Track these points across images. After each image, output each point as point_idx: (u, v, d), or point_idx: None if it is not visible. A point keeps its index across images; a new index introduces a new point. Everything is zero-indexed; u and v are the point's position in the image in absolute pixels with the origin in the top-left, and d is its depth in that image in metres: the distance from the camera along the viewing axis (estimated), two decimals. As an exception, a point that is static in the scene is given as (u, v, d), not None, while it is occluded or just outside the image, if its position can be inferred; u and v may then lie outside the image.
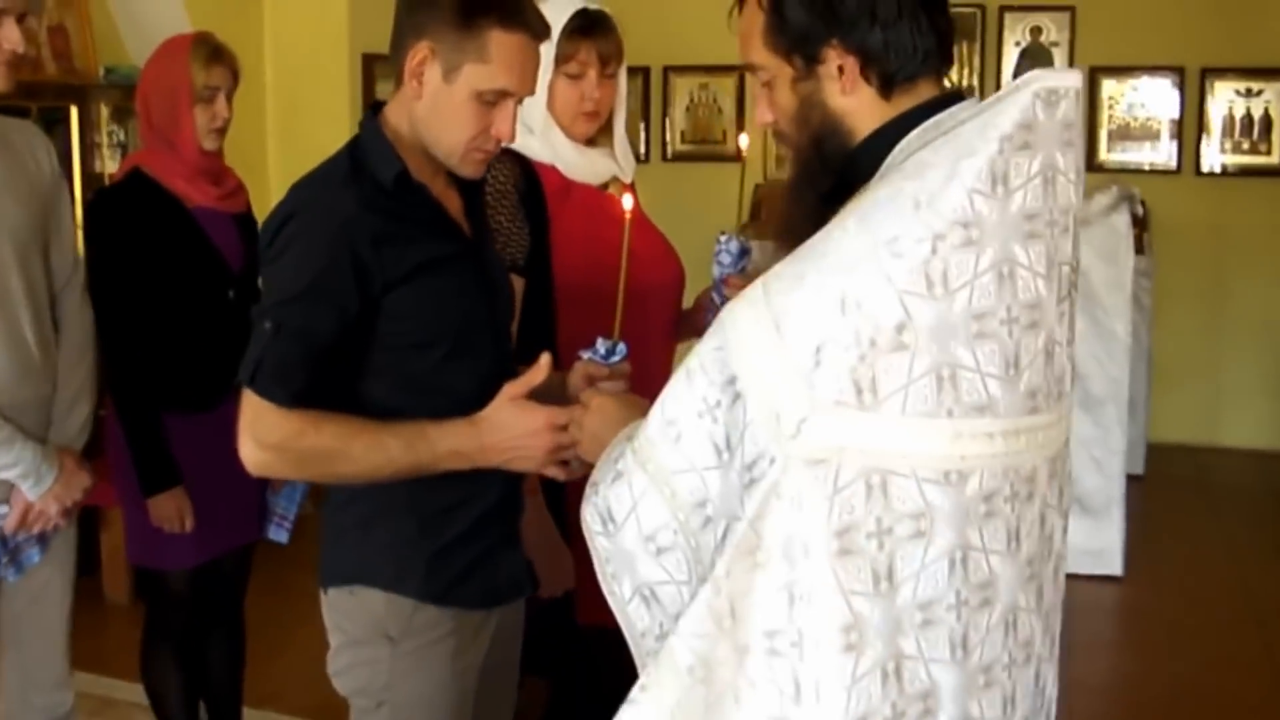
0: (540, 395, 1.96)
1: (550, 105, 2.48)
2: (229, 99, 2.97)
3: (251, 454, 1.85)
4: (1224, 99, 6.74)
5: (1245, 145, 6.73)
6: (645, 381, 2.16)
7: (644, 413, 1.70)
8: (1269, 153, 6.71)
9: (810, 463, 1.38)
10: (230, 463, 2.96)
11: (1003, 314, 1.42)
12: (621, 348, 1.99)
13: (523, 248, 2.40)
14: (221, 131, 2.96)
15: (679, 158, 7.60)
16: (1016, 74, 6.96)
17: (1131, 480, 5.25)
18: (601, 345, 2.00)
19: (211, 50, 2.93)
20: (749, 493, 1.41)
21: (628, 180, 2.67)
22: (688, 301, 2.72)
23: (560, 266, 2.46)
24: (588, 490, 1.57)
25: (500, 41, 1.86)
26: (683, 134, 7.66)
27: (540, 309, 2.43)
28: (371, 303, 1.86)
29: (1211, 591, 5.01)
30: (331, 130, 5.52)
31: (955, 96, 1.58)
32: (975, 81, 7.01)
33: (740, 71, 7.46)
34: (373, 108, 2.02)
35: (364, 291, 1.85)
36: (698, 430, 1.45)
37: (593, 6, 2.51)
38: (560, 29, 2.39)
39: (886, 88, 1.55)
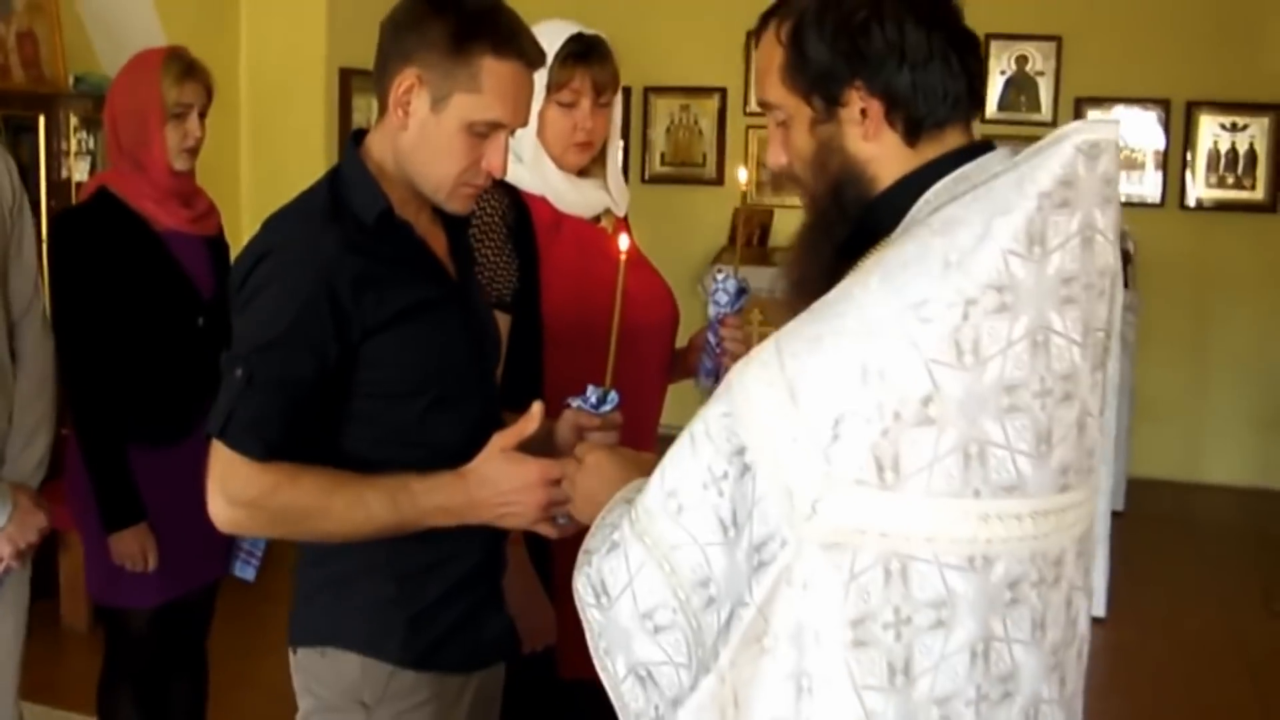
0: (524, 445, 1.86)
1: (541, 134, 2.36)
2: (202, 117, 2.84)
3: (222, 511, 1.73)
4: (1209, 133, 6.70)
5: (1230, 180, 6.70)
6: (637, 426, 2.06)
7: (643, 471, 1.58)
8: (1253, 188, 6.67)
9: (826, 546, 1.28)
10: (197, 498, 2.83)
11: (1036, 386, 1.32)
12: (613, 396, 1.89)
13: (510, 283, 2.29)
14: (193, 151, 2.83)
15: (658, 180, 7.51)
16: (1001, 103, 6.90)
17: (1112, 517, 5.18)
18: (592, 393, 1.89)
19: (184, 66, 2.81)
20: (758, 576, 1.30)
21: (621, 213, 2.56)
22: (680, 340, 2.60)
23: (549, 304, 2.34)
24: (581, 558, 1.46)
25: (493, 70, 1.75)
26: (662, 156, 7.57)
27: (527, 348, 2.31)
28: (350, 349, 1.74)
29: (1198, 635, 4.94)
30: (307, 148, 5.44)
31: (985, 146, 1.47)
32: (960, 109, 6.94)
33: (722, 93, 7.38)
34: (354, 137, 1.89)
35: (343, 338, 1.73)
36: (702, 503, 1.34)
37: (588, 31, 2.40)
38: (553, 54, 2.28)
39: (912, 134, 1.44)
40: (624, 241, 1.92)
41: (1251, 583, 5.48)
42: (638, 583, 1.38)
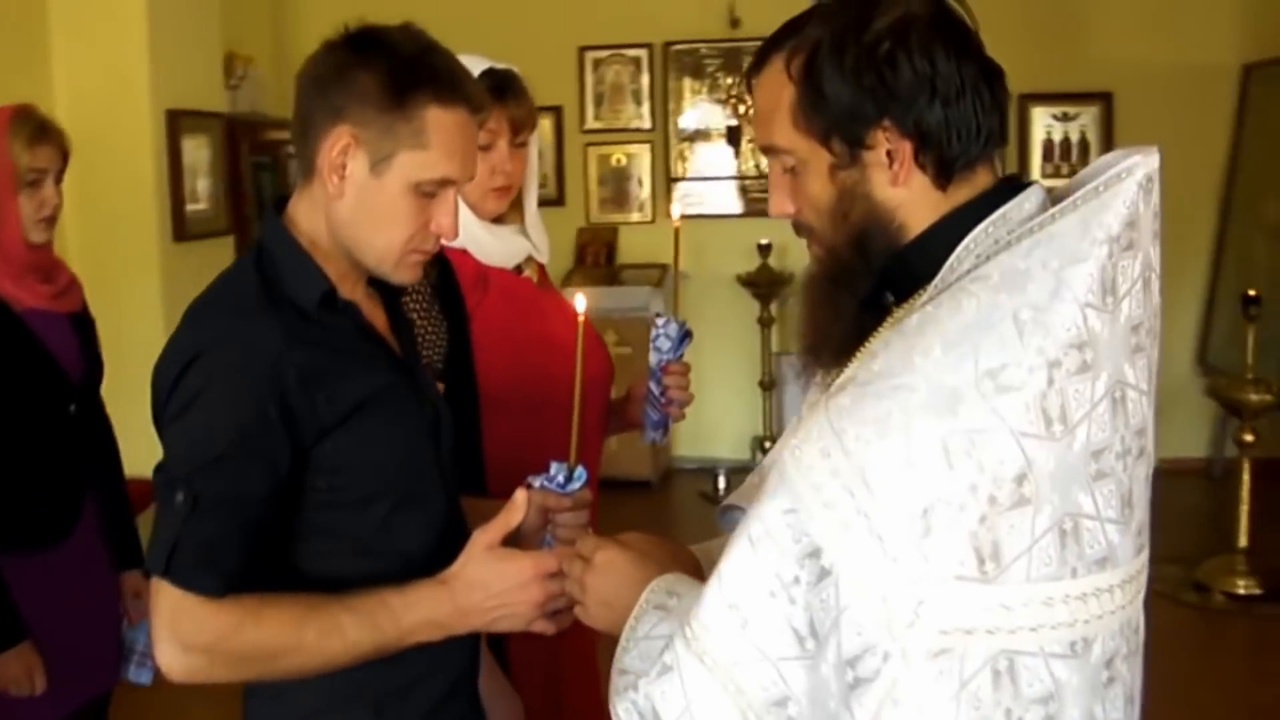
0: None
1: (456, 181, 2.16)
2: (58, 182, 2.56)
3: (175, 659, 1.47)
4: (1042, 124, 6.81)
5: (1065, 169, 6.81)
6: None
7: (661, 565, 1.44)
8: (1088, 176, 6.81)
9: (933, 654, 1.15)
10: (81, 602, 2.59)
11: (1118, 447, 1.22)
12: (581, 472, 1.72)
13: (440, 348, 2.09)
14: (51, 221, 2.54)
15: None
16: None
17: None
18: (557, 470, 1.72)
19: (36, 127, 2.51)
20: (857, 696, 1.16)
21: (544, 259, 2.39)
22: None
23: (484, 366, 2.14)
24: (618, 679, 1.30)
25: (439, 121, 1.54)
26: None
27: (464, 418, 2.11)
28: (302, 456, 1.51)
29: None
30: (137, 198, 5.08)
31: (1017, 183, 1.35)
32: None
33: (557, 112, 7.22)
34: (275, 205, 1.66)
35: (295, 444, 1.50)
36: (770, 613, 1.20)
37: (499, 65, 2.22)
38: None
39: (944, 176, 1.31)
40: (580, 303, 1.77)
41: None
42: (697, 708, 1.22)
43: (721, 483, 6.68)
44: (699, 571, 1.48)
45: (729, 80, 6.99)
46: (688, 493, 6.74)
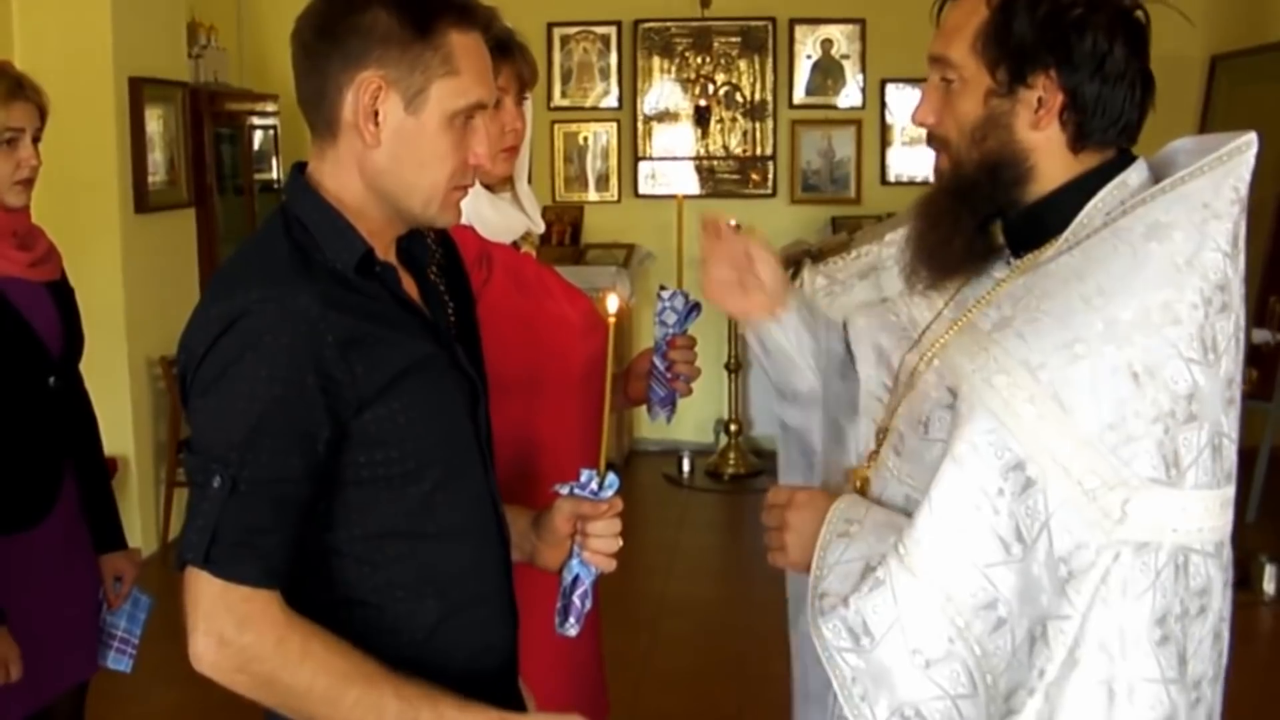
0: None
1: (463, 146, 2.08)
2: (36, 142, 2.46)
3: (208, 650, 1.37)
4: (1009, 110, 6.81)
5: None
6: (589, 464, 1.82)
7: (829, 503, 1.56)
8: (1055, 163, 6.82)
9: (1137, 547, 1.34)
10: (61, 586, 2.49)
11: (1238, 379, 1.42)
12: (613, 479, 1.68)
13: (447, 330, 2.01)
14: (29, 183, 2.45)
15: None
16: (809, 88, 6.87)
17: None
18: (589, 478, 1.67)
19: (12, 84, 2.41)
20: (1073, 585, 1.33)
21: (540, 230, 2.31)
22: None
23: (490, 349, 2.06)
24: (819, 602, 1.43)
25: (463, 45, 1.49)
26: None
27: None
28: (340, 429, 1.44)
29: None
30: (99, 167, 4.94)
31: (1128, 156, 1.52)
32: (769, 96, 6.88)
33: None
34: (296, 168, 1.58)
35: (335, 417, 1.42)
36: (976, 523, 1.35)
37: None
38: None
39: (1078, 141, 1.47)
40: (613, 303, 1.71)
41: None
42: (907, 617, 1.36)
43: (685, 465, 6.64)
44: None
45: (698, 60, 6.92)
46: (652, 475, 6.70)
